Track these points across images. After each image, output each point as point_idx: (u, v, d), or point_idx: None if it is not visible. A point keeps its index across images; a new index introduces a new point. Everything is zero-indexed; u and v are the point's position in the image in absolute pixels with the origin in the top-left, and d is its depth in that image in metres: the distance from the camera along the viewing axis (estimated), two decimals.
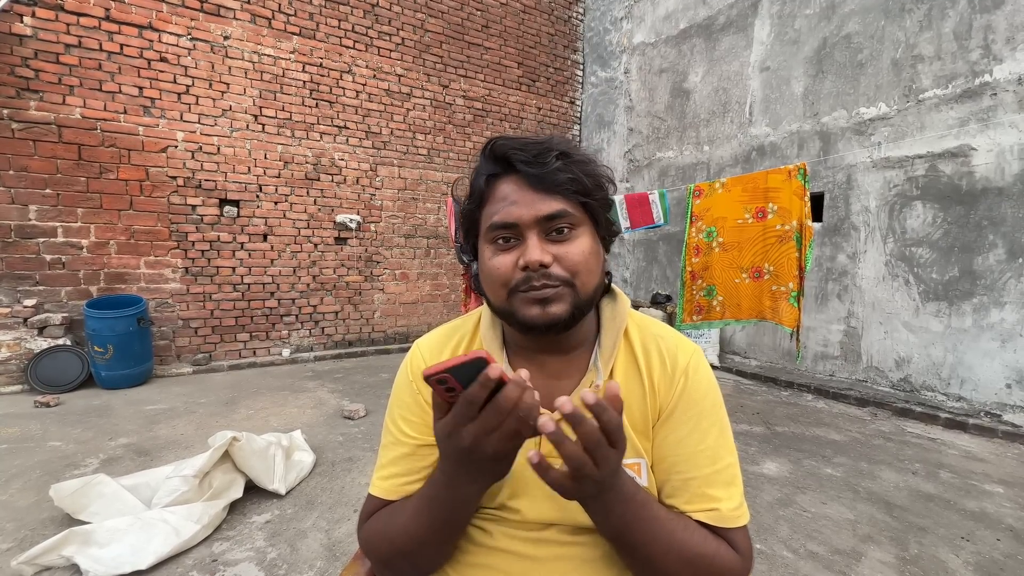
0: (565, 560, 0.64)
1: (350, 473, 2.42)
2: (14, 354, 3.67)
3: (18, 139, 3.69)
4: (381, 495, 0.68)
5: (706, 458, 0.63)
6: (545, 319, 0.60)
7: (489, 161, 0.64)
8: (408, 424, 0.70)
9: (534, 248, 0.59)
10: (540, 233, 0.61)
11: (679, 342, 0.70)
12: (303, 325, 5.01)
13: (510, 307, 0.62)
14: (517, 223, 0.60)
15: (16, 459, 2.48)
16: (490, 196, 0.63)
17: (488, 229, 0.62)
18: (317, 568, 1.71)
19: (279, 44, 4.68)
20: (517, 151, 0.61)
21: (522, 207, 0.60)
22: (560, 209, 0.60)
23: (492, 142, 0.63)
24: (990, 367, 3.38)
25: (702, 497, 0.62)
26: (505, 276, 0.61)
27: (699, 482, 0.62)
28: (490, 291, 0.65)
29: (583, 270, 0.61)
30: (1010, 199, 3.28)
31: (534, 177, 0.60)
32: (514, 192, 0.61)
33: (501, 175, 0.63)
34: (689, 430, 0.64)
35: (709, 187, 3.30)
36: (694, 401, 0.65)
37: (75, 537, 1.64)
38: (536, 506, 0.65)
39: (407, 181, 5.51)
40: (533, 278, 0.59)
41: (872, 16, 3.96)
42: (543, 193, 0.60)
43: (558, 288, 0.60)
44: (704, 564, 0.58)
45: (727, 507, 0.62)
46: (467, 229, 0.68)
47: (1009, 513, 2.16)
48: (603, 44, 6.53)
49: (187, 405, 3.43)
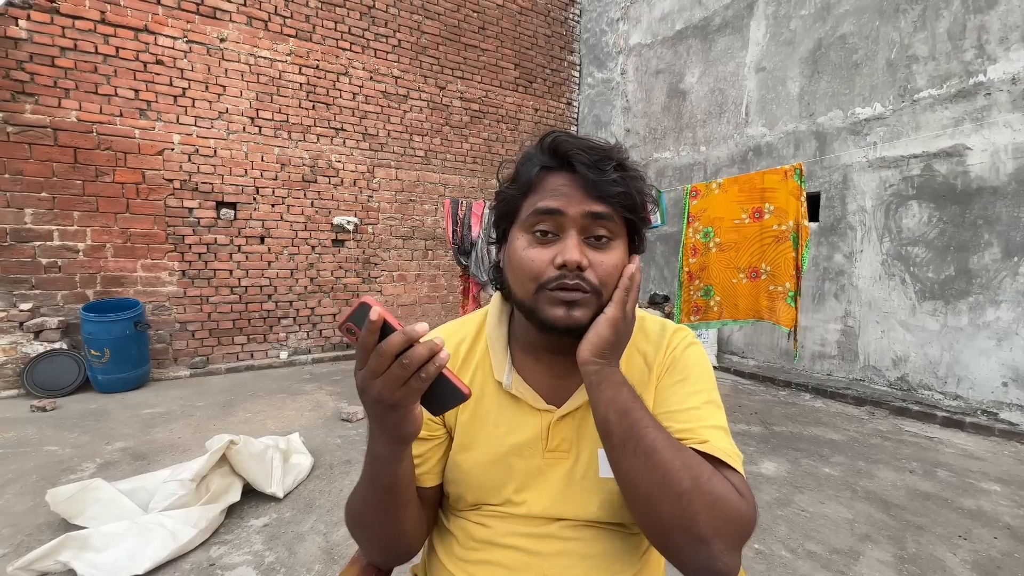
0: (567, 555, 0.65)
1: (348, 476, 2.41)
2: (10, 358, 3.65)
3: (13, 142, 3.68)
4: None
5: (691, 416, 0.62)
6: (568, 322, 0.60)
7: (546, 154, 0.63)
8: None
9: (573, 248, 0.59)
10: (580, 234, 0.61)
11: (679, 328, 0.73)
12: (301, 328, 5.00)
13: (535, 303, 0.61)
14: (563, 211, 0.60)
15: (12, 464, 2.47)
16: (538, 186, 0.63)
17: (531, 214, 0.62)
18: (315, 571, 1.71)
19: (275, 46, 4.68)
20: (580, 152, 0.60)
21: (571, 200, 0.60)
22: (607, 211, 0.60)
23: (554, 136, 0.63)
24: (986, 365, 3.39)
25: (689, 441, 0.58)
26: (538, 270, 0.60)
27: (683, 432, 0.59)
28: (516, 282, 0.64)
29: (611, 282, 0.61)
30: (1005, 198, 3.29)
31: (590, 181, 0.60)
32: (565, 187, 0.61)
33: (555, 169, 0.62)
34: (674, 391, 0.65)
35: (706, 187, 3.30)
36: (680, 367, 0.67)
37: (72, 542, 1.63)
38: (542, 499, 0.66)
39: (404, 183, 5.51)
40: (567, 276, 0.59)
41: (867, 17, 3.98)
42: (594, 199, 0.60)
43: (587, 294, 0.60)
44: (704, 477, 0.53)
45: (718, 444, 0.58)
46: (502, 214, 0.67)
47: (1006, 511, 2.17)
48: (599, 45, 6.55)
49: (184, 409, 3.42)
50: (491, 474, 0.68)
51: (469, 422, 0.70)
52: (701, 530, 0.51)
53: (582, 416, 0.68)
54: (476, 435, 0.69)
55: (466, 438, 0.70)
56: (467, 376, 0.72)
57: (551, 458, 0.67)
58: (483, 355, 0.72)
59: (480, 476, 0.68)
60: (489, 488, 0.68)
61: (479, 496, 0.69)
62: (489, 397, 0.70)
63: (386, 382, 0.47)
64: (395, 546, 0.67)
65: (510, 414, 0.69)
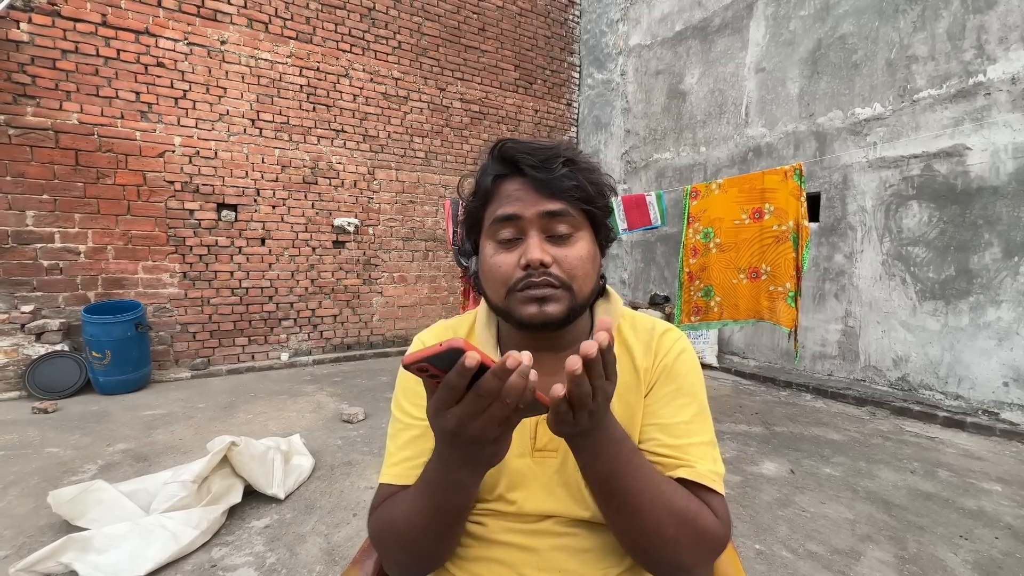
0: (562, 550, 0.65)
1: (349, 477, 2.42)
2: (12, 360, 3.66)
3: (15, 145, 3.69)
4: (392, 481, 0.68)
5: (681, 430, 0.65)
6: (541, 318, 0.61)
7: (497, 162, 0.66)
8: (416, 407, 0.71)
9: (535, 247, 0.61)
10: (541, 232, 0.62)
11: (668, 330, 0.72)
12: (301, 329, 5.01)
13: (508, 305, 0.64)
14: (521, 215, 0.62)
15: (14, 465, 2.48)
16: (495, 195, 0.65)
17: (491, 223, 0.65)
18: (317, 572, 1.71)
19: (276, 48, 4.69)
20: (525, 155, 0.62)
21: (526, 204, 0.62)
22: (562, 208, 0.62)
23: (501, 144, 0.65)
24: (987, 365, 3.39)
25: (677, 461, 0.62)
26: (505, 274, 0.63)
27: (674, 449, 0.63)
28: (490, 289, 0.66)
29: (580, 274, 0.63)
30: (1005, 198, 3.29)
31: (540, 181, 0.62)
32: (518, 191, 0.63)
33: (508, 176, 0.65)
34: (666, 402, 0.66)
35: (706, 188, 3.31)
36: (672, 377, 0.68)
37: (73, 543, 1.64)
38: (533, 498, 0.67)
39: (405, 184, 5.52)
40: (533, 276, 0.61)
41: (866, 17, 3.98)
42: (547, 197, 0.62)
43: (557, 289, 0.62)
44: (689, 518, 0.58)
45: (703, 467, 0.62)
46: (470, 226, 0.70)
47: (1007, 511, 2.17)
48: (599, 46, 6.56)
49: (185, 410, 3.43)
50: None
51: None
52: (684, 562, 0.58)
53: None
54: None
55: None
56: None
57: (539, 457, 0.68)
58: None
59: None
60: (482, 486, 0.67)
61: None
62: None
63: (488, 421, 0.45)
64: (438, 563, 0.66)
65: None
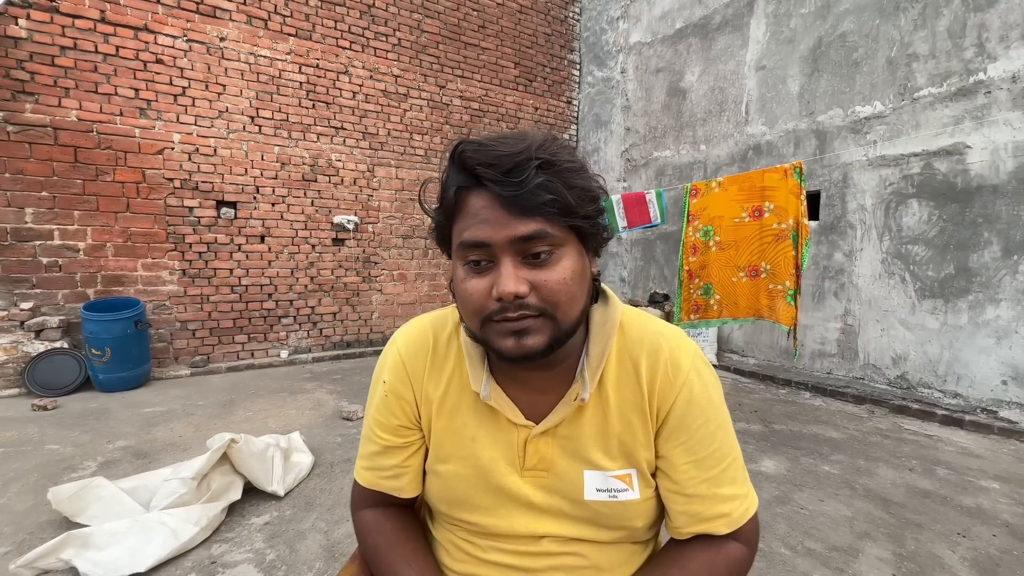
0: (559, 570, 0.64)
1: (349, 474, 2.42)
2: (11, 357, 3.66)
3: (14, 142, 3.68)
4: (363, 483, 0.72)
5: (714, 460, 0.63)
6: (520, 351, 0.54)
7: (458, 171, 0.55)
8: (378, 425, 0.70)
9: (508, 278, 0.52)
10: (515, 256, 0.53)
11: (679, 342, 0.65)
12: (301, 326, 5.00)
13: (485, 336, 0.57)
14: (489, 242, 0.53)
15: (14, 462, 2.48)
16: (461, 210, 0.56)
17: (459, 247, 0.56)
18: (316, 569, 1.71)
19: (275, 45, 4.68)
20: (486, 167, 0.52)
21: (495, 226, 0.52)
22: (537, 230, 0.52)
23: (458, 148, 0.54)
24: (986, 364, 3.40)
25: (714, 499, 0.62)
26: (478, 304, 0.55)
27: (709, 483, 0.62)
28: (464, 315, 0.59)
29: (564, 299, 0.54)
30: (1005, 196, 3.29)
31: (507, 199, 0.52)
32: (485, 209, 0.53)
33: (472, 188, 0.54)
34: (699, 438, 0.63)
35: (706, 186, 3.31)
36: (701, 407, 0.63)
37: (73, 540, 1.64)
38: (523, 519, 0.65)
39: (404, 182, 5.51)
40: (508, 308, 0.53)
41: (867, 15, 3.98)
42: (518, 215, 0.52)
43: (536, 319, 0.54)
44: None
45: (738, 510, 0.63)
46: (439, 241, 0.61)
47: (1005, 509, 2.17)
48: (599, 44, 6.54)
49: (185, 407, 3.43)
50: (468, 489, 0.65)
51: (444, 432, 0.67)
52: None
53: (563, 435, 0.64)
54: (453, 447, 0.67)
55: (441, 451, 0.67)
56: (441, 381, 0.68)
57: (530, 476, 0.64)
58: (458, 359, 0.68)
59: (456, 490, 0.66)
60: (466, 503, 0.66)
61: (455, 510, 0.67)
62: (466, 407, 0.67)
63: None
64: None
65: (487, 427, 0.66)
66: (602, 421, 0.64)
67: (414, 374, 0.68)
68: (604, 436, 0.64)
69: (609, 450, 0.64)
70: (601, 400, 0.64)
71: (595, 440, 0.64)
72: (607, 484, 0.63)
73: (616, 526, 0.64)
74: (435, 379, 0.68)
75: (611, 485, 0.63)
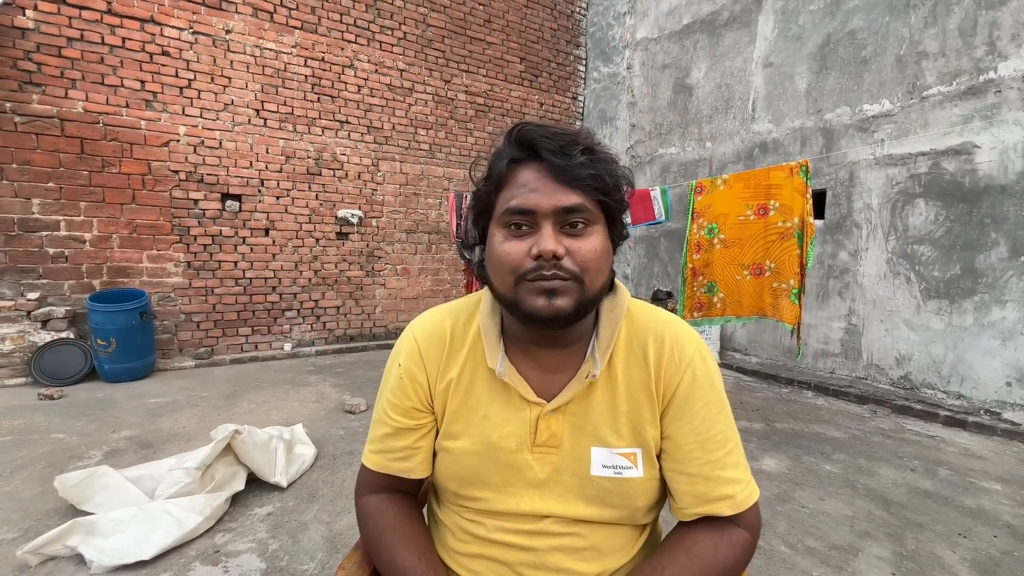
0: (561, 550, 0.66)
1: (351, 467, 2.44)
2: (18, 347, 3.69)
3: (21, 133, 3.70)
4: (370, 466, 0.73)
5: (717, 442, 0.66)
6: (550, 311, 0.59)
7: (513, 146, 0.63)
8: (391, 407, 0.71)
9: (548, 238, 0.59)
10: (555, 224, 0.60)
11: (684, 329, 0.70)
12: (304, 320, 5.02)
13: (516, 295, 0.61)
14: (535, 210, 0.59)
15: (21, 451, 2.50)
16: (510, 181, 0.63)
17: (503, 213, 0.62)
18: (318, 559, 1.73)
19: (281, 38, 4.67)
20: (545, 139, 0.60)
21: (542, 195, 0.59)
22: (579, 203, 0.60)
23: (519, 127, 0.62)
24: (990, 365, 3.38)
25: (718, 481, 0.65)
26: (515, 263, 0.60)
27: (713, 465, 0.65)
28: (497, 277, 0.63)
29: (593, 267, 0.61)
30: (1013, 197, 3.26)
31: (558, 168, 0.59)
32: (535, 180, 0.60)
33: (524, 161, 0.62)
34: (702, 418, 0.66)
35: (711, 184, 3.29)
36: (704, 389, 0.67)
37: (79, 527, 1.66)
38: (529, 498, 0.67)
39: (409, 176, 5.51)
40: (544, 267, 0.59)
41: (876, 12, 3.94)
42: (564, 185, 0.59)
43: (567, 281, 0.59)
44: (730, 570, 0.63)
45: (742, 494, 0.65)
46: (479, 212, 0.67)
47: (1006, 510, 2.17)
48: (606, 39, 6.50)
49: (189, 399, 3.45)
50: (477, 466, 0.67)
51: (459, 410, 0.70)
52: None
53: (573, 412, 0.67)
54: (465, 424, 0.69)
55: (454, 427, 0.69)
56: (458, 363, 0.71)
57: (539, 453, 0.67)
58: (475, 341, 0.71)
59: (466, 467, 0.68)
60: (475, 480, 0.68)
61: (464, 488, 0.69)
62: (480, 385, 0.70)
63: None
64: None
65: (500, 404, 0.68)
66: (611, 399, 0.67)
67: (429, 360, 0.71)
68: (613, 414, 0.67)
69: (618, 428, 0.67)
70: (610, 379, 0.68)
71: (604, 417, 0.67)
72: (613, 461, 0.66)
73: (618, 504, 0.66)
74: (450, 365, 0.71)
75: (616, 462, 0.66)
